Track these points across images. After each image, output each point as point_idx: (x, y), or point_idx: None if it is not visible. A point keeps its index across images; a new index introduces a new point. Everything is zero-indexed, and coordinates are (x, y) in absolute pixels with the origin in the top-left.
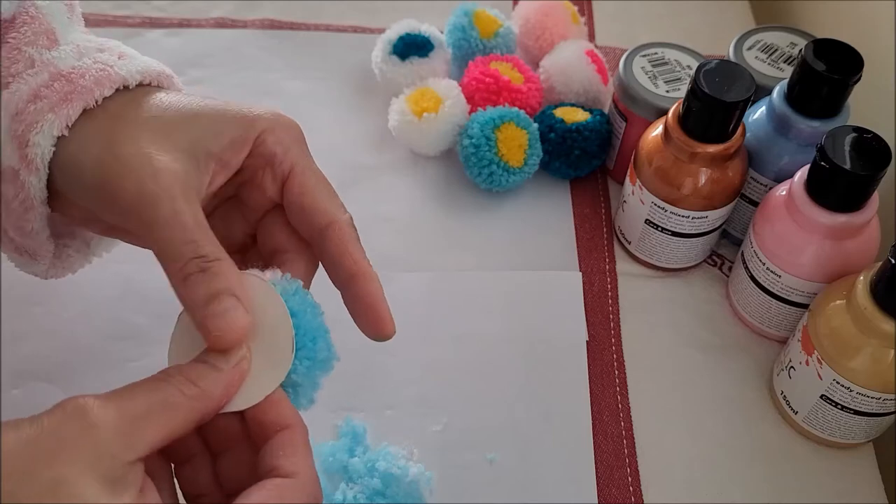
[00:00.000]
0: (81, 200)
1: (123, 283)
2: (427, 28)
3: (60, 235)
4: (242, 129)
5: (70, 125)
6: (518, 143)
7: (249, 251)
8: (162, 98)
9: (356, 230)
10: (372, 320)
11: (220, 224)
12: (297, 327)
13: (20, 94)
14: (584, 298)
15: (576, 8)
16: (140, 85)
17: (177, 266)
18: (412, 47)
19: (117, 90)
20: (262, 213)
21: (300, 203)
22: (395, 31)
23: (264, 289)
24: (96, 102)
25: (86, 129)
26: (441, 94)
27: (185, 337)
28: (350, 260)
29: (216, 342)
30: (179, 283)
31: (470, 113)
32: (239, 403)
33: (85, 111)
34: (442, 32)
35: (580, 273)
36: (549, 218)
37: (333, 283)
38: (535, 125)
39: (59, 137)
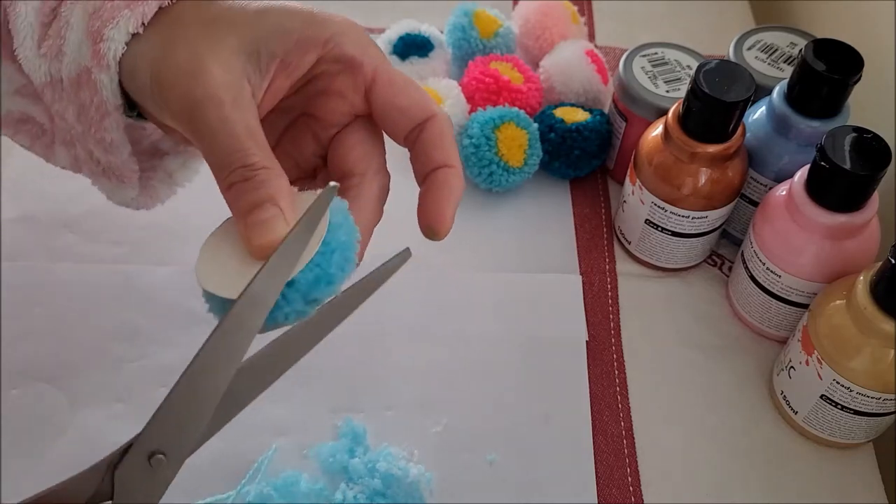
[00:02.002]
0: (142, 104)
1: (123, 284)
2: (427, 28)
3: (142, 168)
4: (312, 28)
5: (145, 23)
6: (518, 143)
7: (319, 174)
8: None
9: (452, 128)
10: (433, 211)
11: (290, 145)
12: (326, 242)
13: None
14: (584, 298)
15: (576, 8)
16: None
17: (223, 174)
18: (412, 47)
19: None
20: (335, 129)
21: (395, 103)
22: (394, 31)
23: (311, 200)
24: (171, 0)
25: (148, 31)
26: (441, 93)
27: (224, 238)
28: (441, 152)
29: (256, 251)
30: (225, 191)
31: (470, 113)
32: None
33: (161, 9)
34: (442, 32)
35: (580, 276)
36: (549, 218)
37: (417, 175)
38: (535, 125)
39: (133, 35)
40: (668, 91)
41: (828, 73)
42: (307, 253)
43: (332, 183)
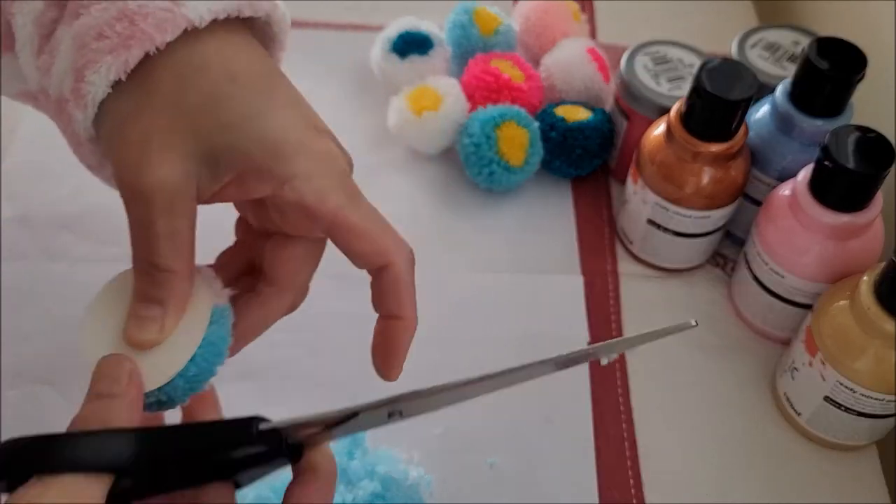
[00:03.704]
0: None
1: None
2: (427, 26)
3: None
4: (275, 163)
5: (129, 70)
6: (519, 141)
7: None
8: (219, 75)
9: (413, 266)
10: (385, 362)
11: (252, 215)
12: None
13: (87, 29)
14: (586, 299)
15: (577, 5)
16: (215, 21)
17: (134, 259)
18: (412, 45)
19: (186, 30)
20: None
21: (354, 250)
22: (394, 29)
23: (204, 291)
24: (157, 49)
25: (123, 91)
26: (441, 92)
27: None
28: (395, 304)
29: (129, 340)
30: (133, 268)
31: (470, 111)
32: (158, 380)
33: (146, 61)
34: (442, 30)
35: (581, 277)
36: (551, 218)
37: (374, 306)
38: (536, 124)
39: (116, 81)
40: (670, 89)
41: (831, 71)
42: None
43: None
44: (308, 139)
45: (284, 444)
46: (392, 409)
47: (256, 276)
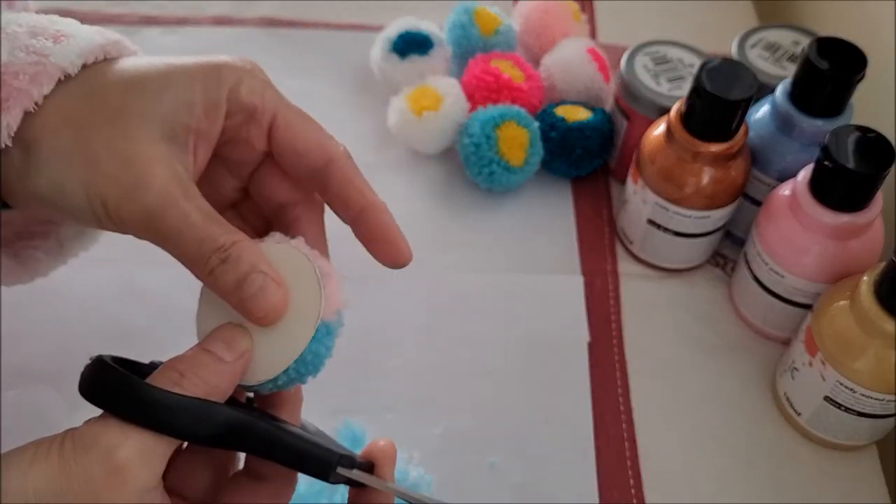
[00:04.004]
0: (76, 221)
1: (121, 284)
2: (427, 26)
3: (30, 237)
4: (211, 91)
5: (12, 134)
6: (519, 141)
7: (242, 205)
8: (116, 77)
9: (353, 160)
10: (389, 250)
11: (207, 188)
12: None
13: None
14: (586, 300)
15: (577, 5)
16: (85, 66)
17: (200, 265)
18: (412, 45)
19: (60, 81)
20: (252, 167)
21: (293, 148)
22: (394, 29)
23: (288, 255)
24: (36, 104)
25: (53, 140)
26: (441, 92)
27: (212, 304)
28: (357, 194)
29: (260, 322)
30: (206, 278)
31: (470, 111)
32: (251, 378)
33: (32, 112)
34: (442, 30)
35: (582, 277)
36: (551, 218)
37: (341, 218)
38: (536, 124)
39: (27, 150)
40: (670, 89)
41: (831, 71)
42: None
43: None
44: (218, 60)
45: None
46: None
47: None
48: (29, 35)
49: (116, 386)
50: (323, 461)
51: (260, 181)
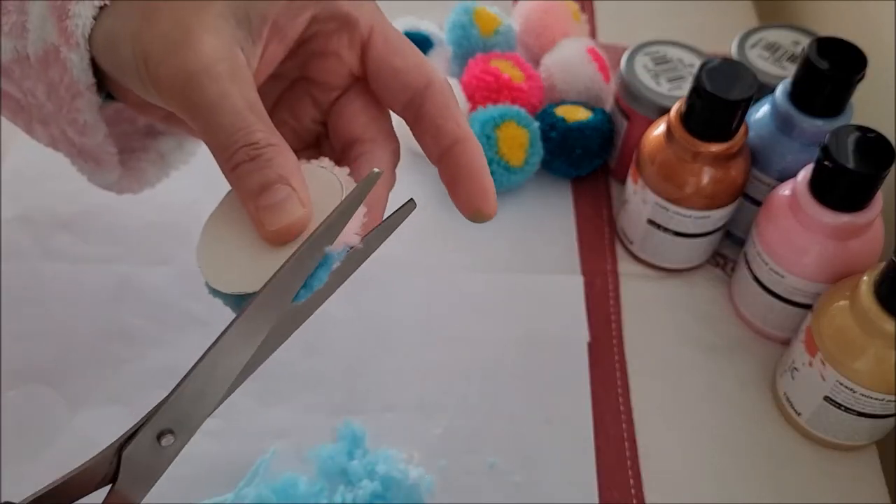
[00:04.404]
0: (125, 82)
1: (119, 284)
2: (427, 26)
3: (133, 149)
4: None
5: None
6: (519, 141)
7: (323, 144)
8: None
9: (452, 89)
10: (474, 191)
11: (287, 114)
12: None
13: None
14: (586, 299)
15: (577, 5)
16: None
17: (226, 155)
18: None
19: None
20: (335, 93)
21: (392, 65)
22: None
23: (327, 181)
24: None
25: (120, 2)
26: None
27: (224, 221)
28: (453, 123)
29: (271, 237)
30: (229, 173)
31: (470, 111)
32: (225, 285)
33: None
34: (442, 30)
35: (582, 277)
36: (551, 218)
37: (429, 152)
38: (536, 124)
39: (101, 8)
40: (670, 89)
41: (831, 71)
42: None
43: (375, 170)
44: None
45: None
46: (161, 431)
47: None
48: None
49: None
50: None
51: (339, 111)
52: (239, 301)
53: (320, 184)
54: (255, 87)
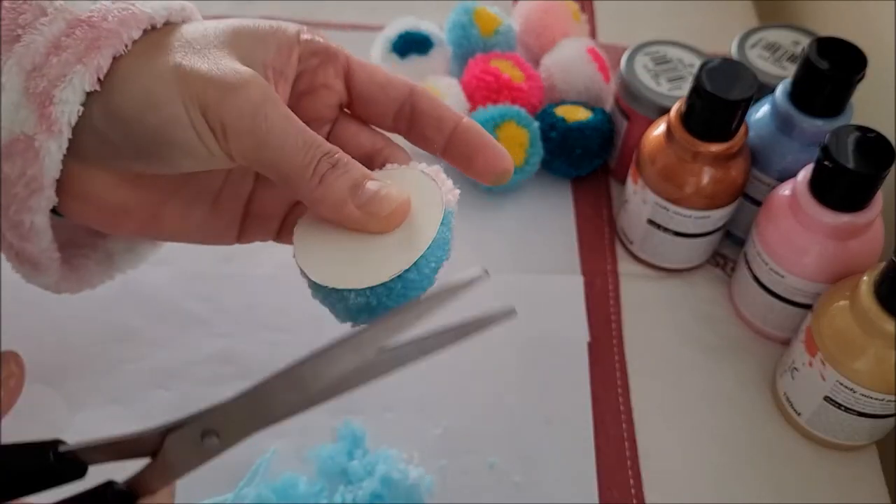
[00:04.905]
0: (136, 157)
1: (120, 285)
2: (427, 26)
3: (79, 245)
4: (282, 34)
5: (102, 77)
6: (519, 141)
7: None
8: (195, 27)
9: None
10: (492, 156)
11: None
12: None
13: (36, 47)
14: (586, 299)
15: (577, 5)
16: (167, 23)
17: (307, 172)
18: (412, 45)
19: (144, 31)
20: (328, 127)
21: (376, 82)
22: (394, 29)
23: (394, 170)
24: (126, 47)
25: (130, 70)
26: (441, 92)
27: (313, 238)
28: (449, 111)
29: (380, 227)
30: (314, 189)
31: (470, 111)
32: (365, 279)
33: (114, 59)
34: (442, 30)
35: (582, 277)
36: (551, 218)
37: (432, 145)
38: (536, 124)
39: (88, 93)
40: (670, 89)
41: (831, 71)
42: (431, 228)
43: (480, 272)
44: (295, 23)
45: (111, 493)
46: (206, 430)
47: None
48: None
49: None
50: (41, 445)
51: (340, 137)
52: (344, 300)
53: (388, 174)
54: None
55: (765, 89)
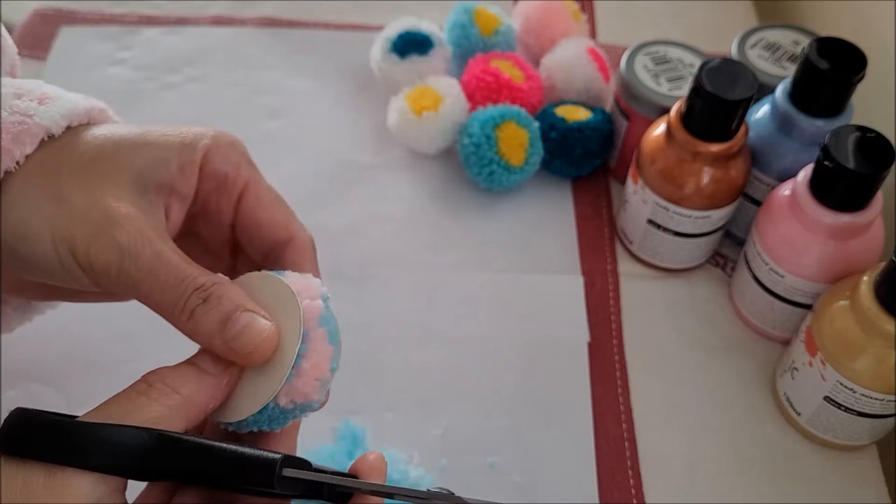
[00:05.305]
0: (33, 274)
1: None
2: (427, 26)
3: None
4: (187, 152)
5: None
6: (519, 141)
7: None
8: (95, 134)
9: (316, 252)
10: None
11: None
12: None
13: None
14: (586, 299)
15: (577, 5)
16: (69, 128)
17: (177, 308)
18: (412, 45)
19: (43, 141)
20: (222, 245)
21: (256, 219)
22: (394, 29)
23: (276, 286)
24: (17, 164)
25: (12, 195)
26: (441, 92)
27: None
28: (309, 281)
29: (249, 360)
30: (185, 323)
31: (470, 111)
32: (229, 415)
33: (7, 173)
34: (442, 30)
35: (581, 276)
36: (551, 218)
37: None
38: (536, 124)
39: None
40: (670, 89)
41: (831, 71)
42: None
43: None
44: (197, 129)
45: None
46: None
47: None
48: (13, 96)
49: (43, 428)
50: (266, 462)
51: (240, 235)
52: (250, 426)
53: (272, 291)
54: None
55: (765, 89)
